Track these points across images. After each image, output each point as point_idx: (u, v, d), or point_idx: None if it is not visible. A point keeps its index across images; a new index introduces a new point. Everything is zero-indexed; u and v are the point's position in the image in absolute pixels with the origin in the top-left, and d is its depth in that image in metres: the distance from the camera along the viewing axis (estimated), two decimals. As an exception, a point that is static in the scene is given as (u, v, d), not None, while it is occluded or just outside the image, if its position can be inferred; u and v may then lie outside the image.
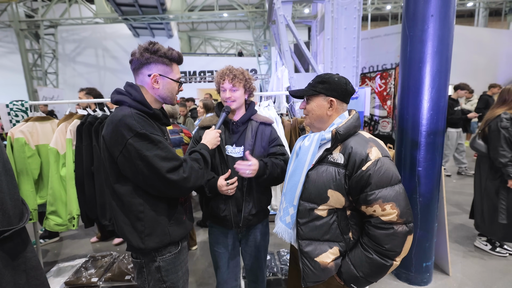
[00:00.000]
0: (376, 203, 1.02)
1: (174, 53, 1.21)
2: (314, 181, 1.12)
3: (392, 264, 1.04)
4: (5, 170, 1.05)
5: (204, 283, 2.42)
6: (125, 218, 1.15)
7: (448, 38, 1.99)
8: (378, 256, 1.04)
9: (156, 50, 1.15)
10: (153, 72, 1.17)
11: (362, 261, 1.07)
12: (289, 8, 4.04)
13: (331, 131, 1.11)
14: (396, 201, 1.02)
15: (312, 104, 1.19)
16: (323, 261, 1.12)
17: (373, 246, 1.05)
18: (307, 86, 1.21)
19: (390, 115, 4.13)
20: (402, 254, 1.04)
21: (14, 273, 1.01)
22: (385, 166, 1.04)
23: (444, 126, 2.13)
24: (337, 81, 1.15)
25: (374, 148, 1.06)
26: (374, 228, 1.04)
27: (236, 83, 1.45)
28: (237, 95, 1.47)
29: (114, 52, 15.48)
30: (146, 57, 1.15)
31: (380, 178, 1.02)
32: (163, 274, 1.21)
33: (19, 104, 2.22)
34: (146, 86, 1.19)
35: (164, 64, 1.18)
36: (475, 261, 2.56)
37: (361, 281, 1.09)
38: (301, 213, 1.16)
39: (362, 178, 1.03)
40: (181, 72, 3.97)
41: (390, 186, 1.03)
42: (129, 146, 1.05)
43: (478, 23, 15.60)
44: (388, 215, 1.02)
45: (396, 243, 1.02)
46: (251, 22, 13.41)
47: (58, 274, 2.33)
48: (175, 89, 1.25)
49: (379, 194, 1.02)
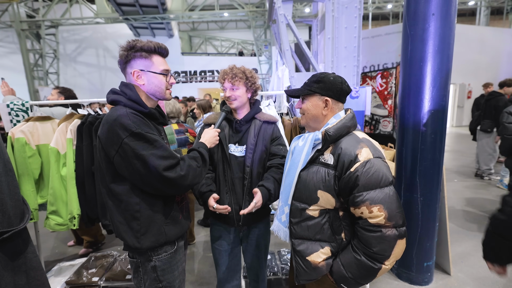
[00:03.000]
0: (363, 205, 1.01)
1: (151, 44, 1.15)
2: (305, 182, 1.12)
3: (380, 267, 1.03)
4: (5, 170, 1.05)
5: (204, 282, 2.42)
6: (121, 218, 1.15)
7: (449, 37, 1.98)
8: (366, 258, 1.03)
9: (133, 46, 1.13)
10: (133, 68, 1.15)
11: (351, 262, 1.07)
12: (289, 8, 4.03)
13: (321, 132, 1.11)
14: (385, 203, 1.00)
15: (308, 104, 1.19)
16: (314, 260, 1.12)
17: (361, 248, 1.04)
18: (303, 86, 1.21)
19: (391, 114, 4.11)
20: (392, 258, 1.02)
21: (14, 274, 1.01)
22: (375, 167, 1.02)
23: (445, 125, 2.12)
24: (332, 81, 1.14)
25: (364, 149, 1.05)
26: (362, 230, 1.04)
27: (236, 82, 1.45)
28: (237, 94, 1.46)
29: (115, 52, 15.48)
30: (125, 56, 1.14)
31: (368, 180, 1.01)
32: (159, 274, 1.20)
33: (19, 104, 2.22)
34: (134, 84, 1.17)
35: (142, 58, 1.15)
36: (476, 261, 2.55)
37: (350, 282, 1.09)
38: (293, 212, 1.16)
39: (350, 179, 1.02)
40: (182, 72, 3.98)
41: (379, 188, 1.01)
42: (125, 145, 1.05)
43: (479, 22, 15.56)
44: (375, 218, 1.00)
45: (384, 247, 1.01)
46: (251, 21, 13.41)
47: (59, 274, 2.33)
48: (162, 82, 1.19)
49: (366, 196, 1.00)
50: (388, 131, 4.17)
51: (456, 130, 10.70)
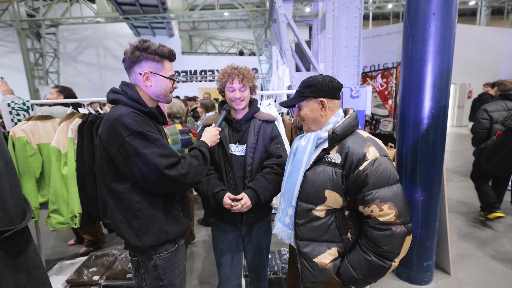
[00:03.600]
0: (373, 203, 1.01)
1: (165, 50, 1.19)
2: (312, 182, 1.12)
3: (391, 265, 1.04)
4: (7, 169, 1.06)
5: (205, 281, 2.42)
6: (122, 217, 1.15)
7: (450, 37, 1.98)
8: (377, 257, 1.04)
9: (146, 47, 1.15)
10: (144, 69, 1.16)
11: (360, 263, 1.07)
12: (290, 7, 4.03)
13: (328, 131, 1.11)
14: (394, 201, 1.01)
15: (305, 110, 1.19)
16: (322, 262, 1.11)
17: (371, 247, 1.04)
18: (295, 94, 1.22)
19: (392, 114, 4.12)
20: (401, 255, 1.03)
21: (15, 272, 1.01)
22: (383, 165, 1.02)
23: (445, 125, 2.12)
24: (321, 82, 1.15)
25: (371, 147, 1.05)
26: (372, 229, 1.04)
27: (246, 83, 1.45)
28: (246, 94, 1.48)
29: (115, 51, 15.51)
30: (136, 55, 1.15)
31: (377, 178, 1.01)
32: (160, 272, 1.21)
33: (20, 103, 2.22)
34: (139, 84, 1.19)
35: (154, 61, 1.17)
36: (476, 261, 2.56)
37: (360, 283, 1.09)
38: (299, 214, 1.15)
39: (359, 178, 1.03)
40: (182, 71, 4.01)
41: (388, 186, 1.02)
42: (126, 144, 1.05)
43: (480, 22, 15.54)
44: (386, 216, 1.01)
45: (394, 244, 1.01)
46: (252, 21, 13.41)
47: (60, 272, 2.33)
48: (168, 86, 1.23)
49: (376, 194, 1.01)
50: (389, 131, 4.17)
51: (457, 130, 10.69)
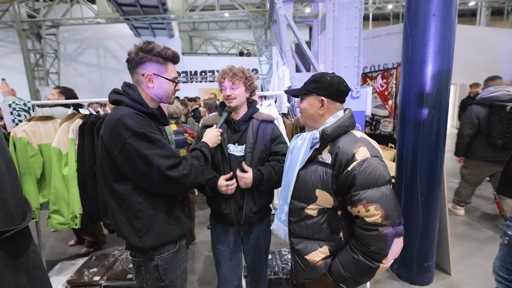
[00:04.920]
0: (360, 204, 1.01)
1: (169, 52, 1.20)
2: (303, 181, 1.13)
3: (378, 266, 1.03)
4: (8, 169, 1.06)
5: (205, 282, 2.42)
6: (123, 217, 1.16)
7: (450, 38, 1.98)
8: (364, 257, 1.04)
9: (150, 49, 1.15)
10: (147, 71, 1.17)
11: (349, 262, 1.07)
12: (290, 8, 4.03)
13: (319, 131, 1.12)
14: (381, 202, 1.01)
15: (305, 103, 1.21)
16: (313, 259, 1.13)
17: (359, 247, 1.05)
18: (302, 85, 1.23)
19: (392, 114, 4.12)
20: (389, 256, 1.03)
21: (16, 273, 1.01)
22: (372, 166, 1.02)
23: (446, 125, 2.12)
24: (329, 81, 1.15)
25: (362, 148, 1.05)
26: (359, 229, 1.04)
27: (236, 81, 1.46)
28: (237, 93, 1.48)
29: (116, 52, 15.52)
30: (140, 57, 1.15)
31: (365, 179, 1.01)
32: (161, 273, 1.21)
33: (21, 104, 2.23)
34: (142, 85, 1.20)
35: (158, 63, 1.18)
36: (476, 261, 2.56)
37: (349, 282, 1.10)
38: (292, 211, 1.17)
39: (347, 178, 1.03)
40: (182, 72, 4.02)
41: (376, 187, 1.02)
42: (128, 145, 1.05)
43: (480, 22, 15.54)
44: (372, 217, 1.01)
45: (381, 245, 1.01)
46: (252, 21, 13.41)
47: (61, 273, 2.34)
48: (171, 88, 1.24)
49: (363, 194, 1.01)
50: (389, 132, 4.18)
51: (457, 131, 10.68)
